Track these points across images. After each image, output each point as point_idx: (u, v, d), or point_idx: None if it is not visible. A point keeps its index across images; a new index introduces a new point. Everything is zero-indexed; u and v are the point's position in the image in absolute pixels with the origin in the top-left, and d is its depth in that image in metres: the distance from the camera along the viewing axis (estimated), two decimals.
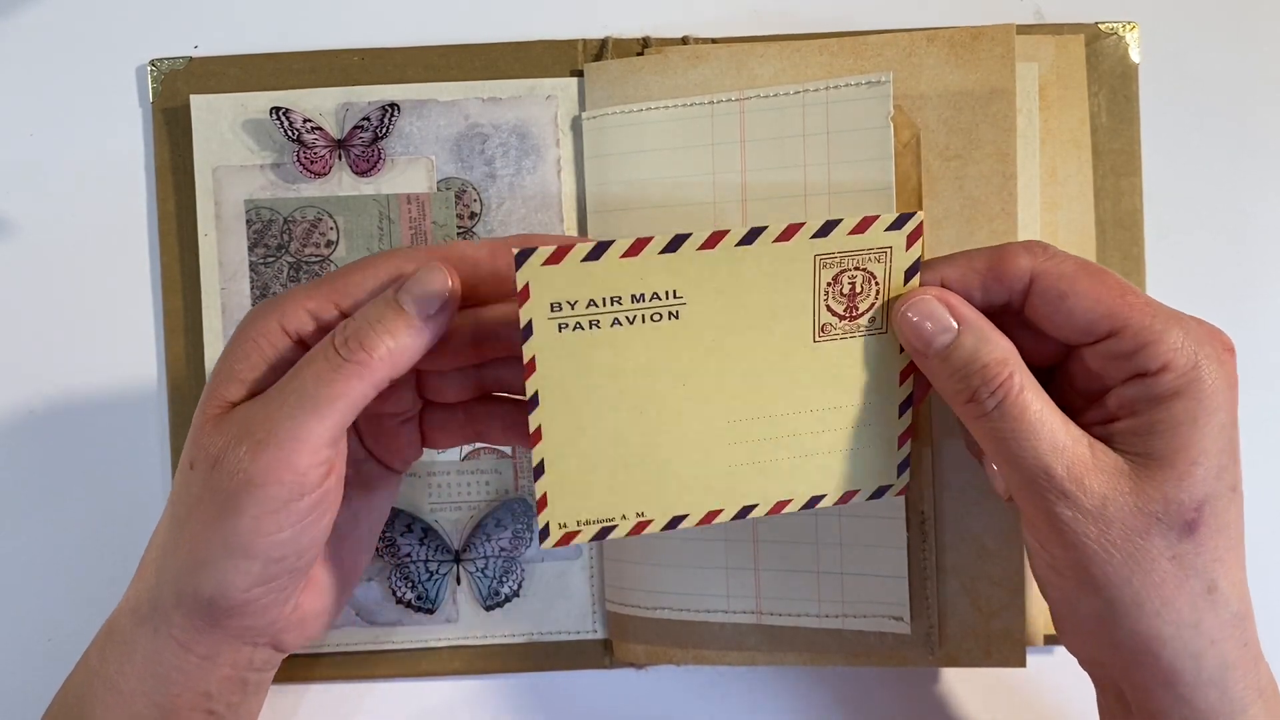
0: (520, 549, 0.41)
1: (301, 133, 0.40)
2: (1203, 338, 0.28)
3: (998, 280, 0.30)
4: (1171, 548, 0.28)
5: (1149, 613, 0.28)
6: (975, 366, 0.29)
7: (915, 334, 0.30)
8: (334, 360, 0.28)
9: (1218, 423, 0.28)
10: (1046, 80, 0.39)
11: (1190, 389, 0.28)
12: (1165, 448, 0.28)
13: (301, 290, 0.30)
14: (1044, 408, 0.29)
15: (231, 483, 0.28)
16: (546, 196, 0.41)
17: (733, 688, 0.42)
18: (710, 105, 0.38)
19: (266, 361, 0.30)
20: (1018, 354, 0.30)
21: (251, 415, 0.29)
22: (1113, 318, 0.28)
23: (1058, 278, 0.29)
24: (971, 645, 0.38)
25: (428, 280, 0.29)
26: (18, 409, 0.42)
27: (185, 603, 0.30)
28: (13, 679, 0.42)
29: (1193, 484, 0.28)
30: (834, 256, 0.30)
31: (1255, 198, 0.41)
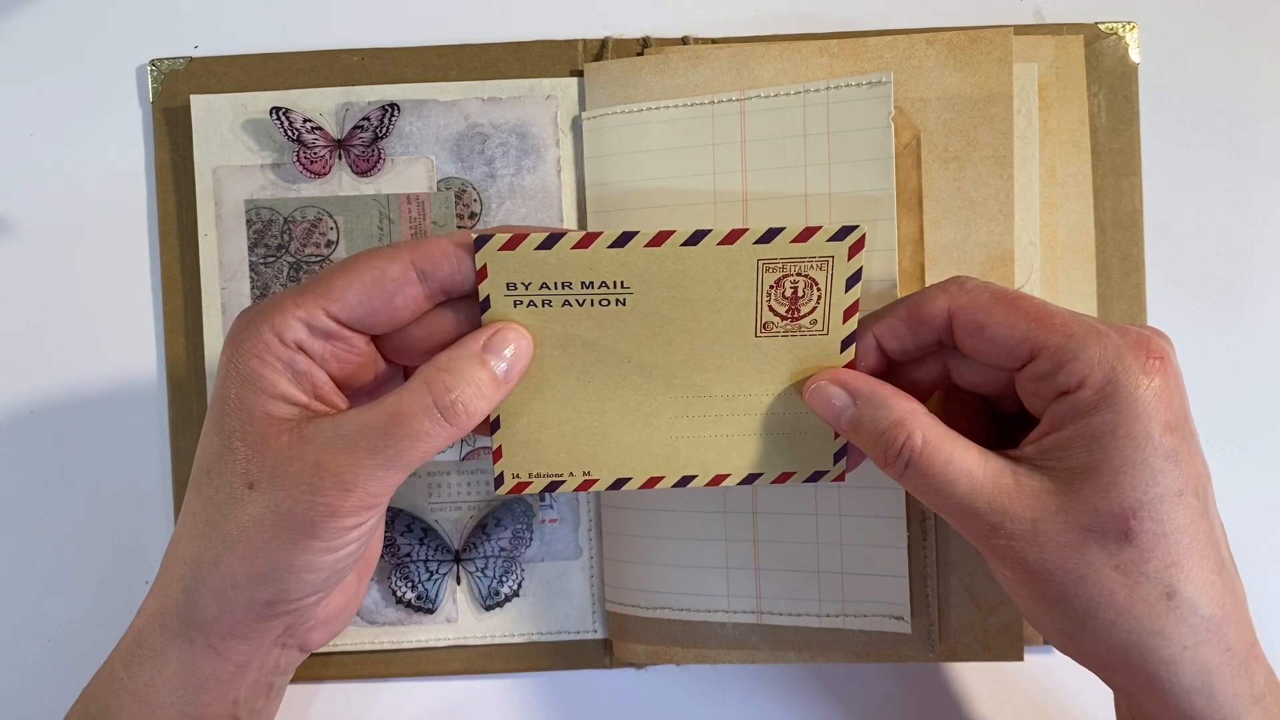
0: (520, 549, 0.41)
1: (301, 133, 0.40)
2: (1123, 349, 0.28)
3: (920, 324, 0.31)
4: (1112, 557, 0.28)
5: (1105, 622, 0.28)
6: (878, 433, 0.31)
7: (824, 413, 0.32)
8: (438, 423, 0.30)
9: (1142, 430, 0.28)
10: (1046, 80, 0.39)
11: (1108, 401, 0.28)
12: (1088, 460, 0.28)
13: (288, 299, 0.30)
14: (955, 451, 0.30)
15: (312, 512, 0.29)
16: (546, 196, 0.41)
17: (733, 688, 0.42)
18: (710, 105, 0.38)
19: (284, 374, 0.30)
20: (917, 411, 0.31)
21: (332, 452, 0.29)
22: (1029, 341, 0.29)
23: (973, 311, 0.30)
24: (970, 640, 0.38)
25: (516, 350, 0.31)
26: (18, 409, 0.42)
27: (232, 613, 0.30)
28: (13, 679, 0.42)
29: (1119, 493, 0.28)
30: (776, 262, 0.31)
31: (1255, 197, 0.41)
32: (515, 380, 0.31)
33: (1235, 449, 0.41)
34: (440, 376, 0.30)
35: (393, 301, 0.30)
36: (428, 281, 0.31)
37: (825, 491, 0.38)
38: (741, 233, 0.31)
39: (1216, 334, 0.41)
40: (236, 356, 0.30)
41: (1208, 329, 0.41)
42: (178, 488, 0.41)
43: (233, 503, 0.30)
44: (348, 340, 0.31)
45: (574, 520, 0.41)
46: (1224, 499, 0.40)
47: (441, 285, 0.31)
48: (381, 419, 0.29)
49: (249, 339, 0.30)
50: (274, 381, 0.30)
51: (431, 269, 0.31)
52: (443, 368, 0.30)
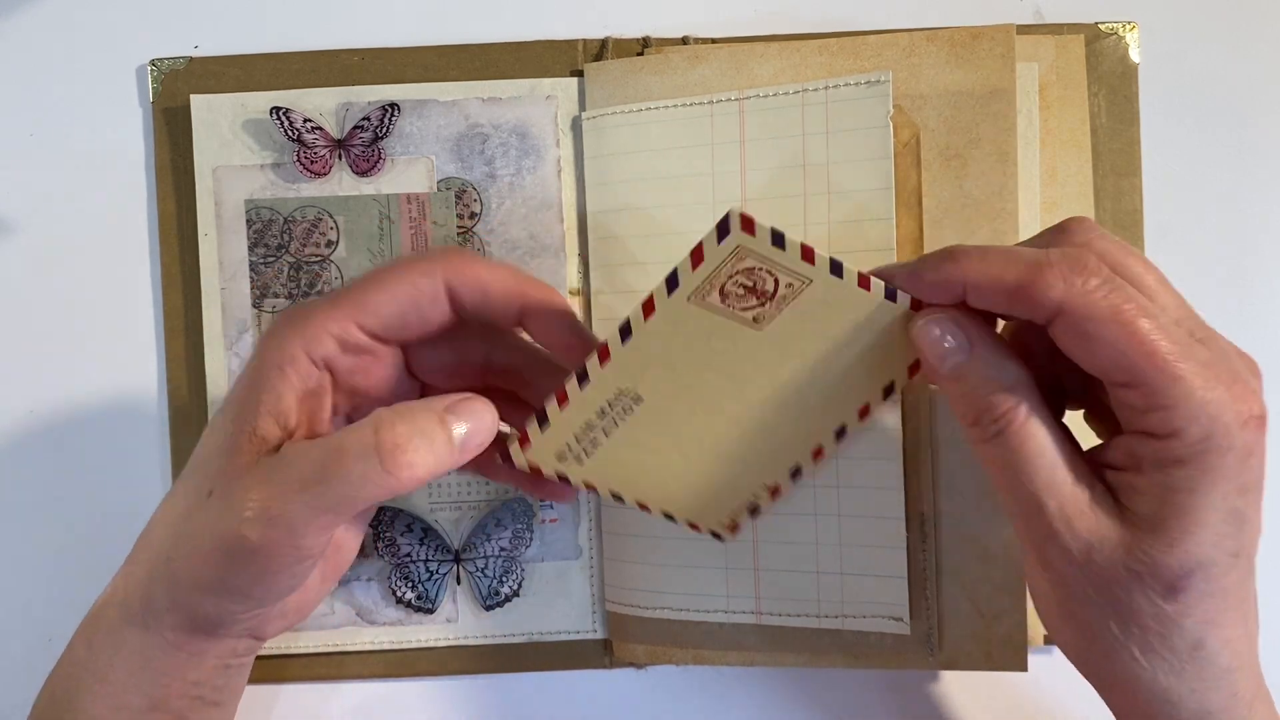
0: (520, 549, 0.41)
1: (301, 133, 0.40)
2: (1225, 405, 0.26)
3: (1022, 302, 0.28)
4: (1154, 606, 0.27)
5: (1127, 659, 0.28)
6: (984, 392, 0.29)
7: (929, 349, 0.29)
8: (374, 469, 0.28)
9: (1220, 493, 0.26)
10: (1046, 80, 0.39)
11: (1197, 460, 0.26)
12: (1160, 511, 0.27)
13: (322, 312, 0.30)
14: (1048, 441, 0.28)
15: (240, 541, 0.28)
16: (546, 196, 0.41)
17: (733, 688, 0.42)
18: (710, 105, 0.38)
19: (295, 392, 0.30)
20: (1029, 382, 0.29)
21: (272, 484, 0.28)
22: (1131, 371, 0.27)
23: (1085, 318, 0.27)
24: (972, 649, 0.38)
25: (479, 422, 0.30)
26: (18, 409, 0.42)
27: (180, 611, 0.30)
28: (13, 679, 0.42)
29: (1183, 552, 0.27)
30: (702, 286, 0.30)
31: (1255, 198, 0.41)
32: (470, 452, 0.30)
33: None
34: (393, 421, 0.28)
35: (425, 315, 0.31)
36: (458, 302, 0.31)
37: (825, 492, 0.38)
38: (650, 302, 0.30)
39: None
40: (261, 364, 0.30)
41: None
42: None
43: (195, 505, 0.30)
44: (376, 353, 0.31)
45: (574, 520, 0.41)
46: None
47: (471, 310, 0.31)
48: (322, 454, 0.28)
49: (277, 348, 0.30)
50: (280, 395, 0.30)
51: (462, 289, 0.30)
52: (400, 414, 0.29)
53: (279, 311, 0.31)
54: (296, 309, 0.31)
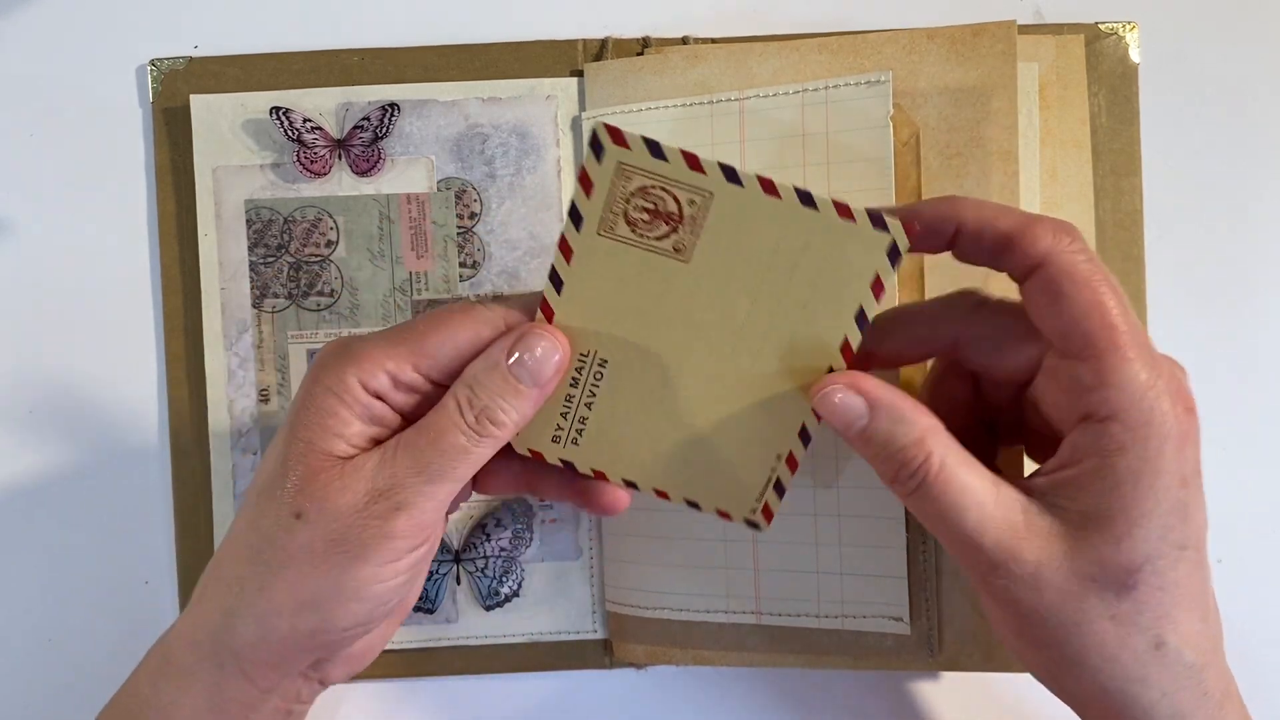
0: (520, 549, 0.41)
1: (301, 133, 0.40)
2: (1164, 392, 0.27)
3: (1011, 250, 0.29)
4: (1110, 608, 0.28)
5: (1091, 669, 0.28)
6: (893, 450, 0.29)
7: (832, 418, 0.30)
8: (470, 436, 0.30)
9: (1162, 484, 0.27)
10: (1046, 80, 0.39)
11: (1137, 446, 0.27)
12: (1104, 506, 0.27)
13: (378, 348, 0.30)
14: (969, 480, 0.28)
15: (365, 535, 0.29)
16: (546, 196, 0.41)
17: (733, 688, 0.42)
18: (710, 105, 0.38)
19: (357, 418, 0.30)
20: (938, 430, 0.29)
21: (381, 477, 0.29)
22: (1087, 340, 0.27)
23: (1063, 274, 0.28)
24: (973, 650, 0.38)
25: (546, 353, 0.30)
26: (18, 409, 0.42)
27: (275, 636, 0.30)
28: (13, 679, 0.42)
29: (1131, 546, 0.27)
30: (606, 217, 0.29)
31: (1255, 197, 0.41)
32: (550, 386, 0.31)
33: (1235, 449, 0.41)
34: (464, 392, 0.30)
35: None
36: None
37: (824, 492, 0.38)
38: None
39: (1216, 334, 0.41)
40: (316, 387, 0.30)
41: (1208, 329, 0.41)
42: (177, 487, 0.41)
43: (280, 530, 0.30)
44: (426, 394, 0.31)
45: (574, 520, 0.41)
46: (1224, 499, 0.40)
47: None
48: (422, 439, 0.30)
49: (331, 375, 0.30)
50: (346, 420, 0.30)
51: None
52: (468, 382, 0.30)
53: (334, 339, 0.31)
54: (354, 339, 0.31)
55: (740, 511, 0.34)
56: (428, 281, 0.41)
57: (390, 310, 0.41)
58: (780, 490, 0.33)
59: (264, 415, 0.41)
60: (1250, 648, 0.40)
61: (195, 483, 0.41)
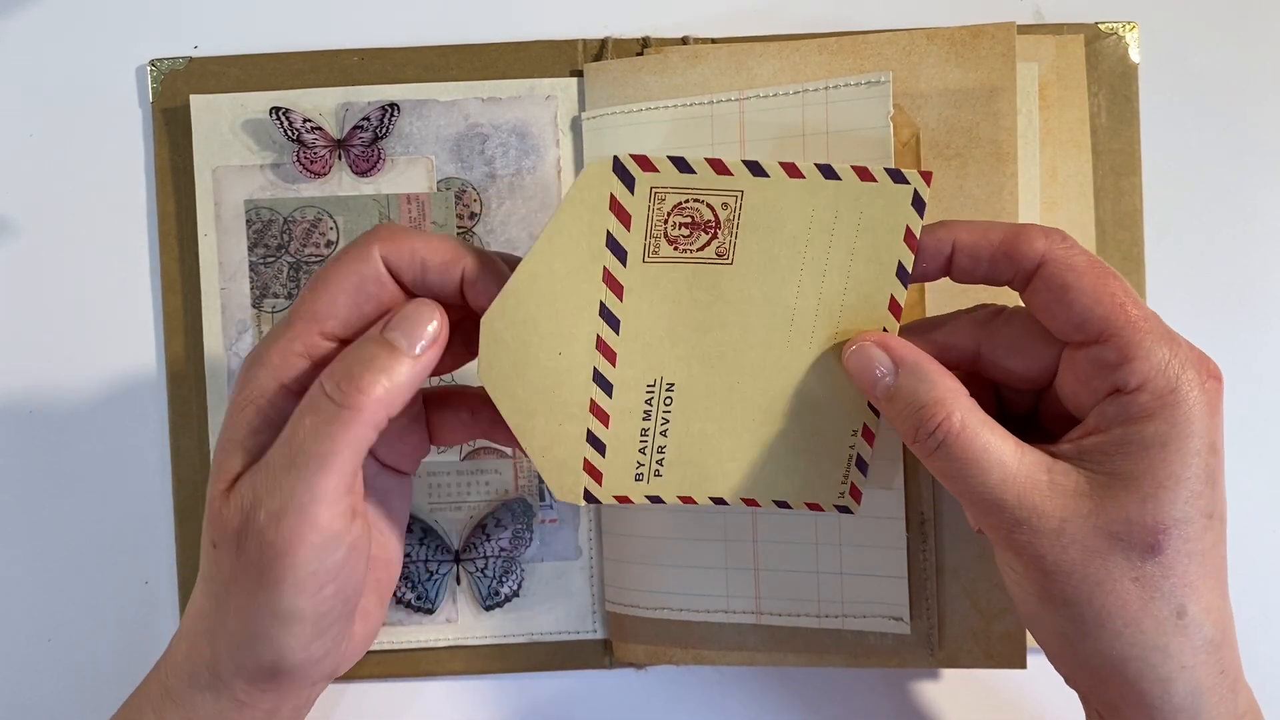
0: (520, 549, 0.41)
1: (301, 133, 0.40)
2: (1188, 361, 0.28)
3: (1008, 257, 0.29)
4: (1134, 569, 0.27)
5: (1111, 633, 0.28)
6: (915, 408, 0.29)
7: (859, 376, 0.31)
8: (329, 409, 0.28)
9: (1192, 449, 0.27)
10: (1046, 80, 0.39)
11: (1165, 411, 0.27)
12: (1133, 468, 0.27)
13: (283, 335, 0.29)
14: (991, 440, 0.29)
15: (262, 556, 0.28)
16: (546, 197, 0.41)
17: (733, 688, 0.42)
18: (710, 105, 0.38)
19: (269, 422, 0.29)
20: (960, 391, 0.29)
21: (258, 483, 0.28)
22: (1105, 322, 0.28)
23: (1066, 268, 0.29)
24: (972, 647, 0.38)
25: (416, 318, 0.29)
26: (18, 409, 0.42)
27: (246, 672, 0.30)
28: (13, 679, 0.42)
29: (1158, 506, 0.27)
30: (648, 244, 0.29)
31: (1255, 197, 0.41)
32: (430, 353, 0.29)
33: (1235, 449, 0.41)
34: (333, 364, 0.29)
35: (377, 300, 0.30)
36: (400, 279, 0.30)
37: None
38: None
39: (1216, 334, 0.41)
40: (232, 403, 0.29)
41: (1208, 329, 0.41)
42: (178, 487, 0.41)
43: (206, 560, 0.30)
44: None
45: (574, 520, 0.41)
46: None
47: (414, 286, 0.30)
48: (285, 430, 0.28)
49: (245, 385, 0.29)
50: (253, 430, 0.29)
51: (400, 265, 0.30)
52: (341, 355, 0.29)
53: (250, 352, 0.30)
54: (261, 343, 0.30)
55: (829, 499, 0.34)
56: None
57: None
58: (864, 467, 0.34)
59: None
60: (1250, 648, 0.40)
61: (195, 482, 0.41)
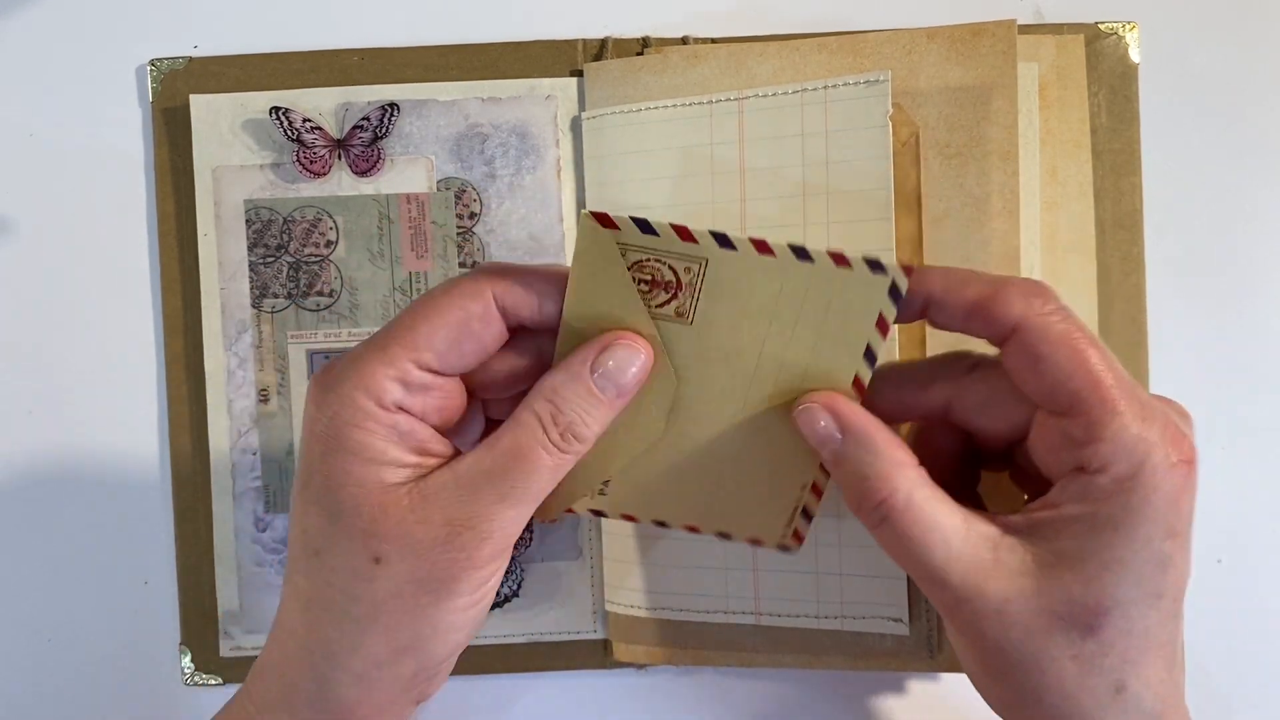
0: (520, 549, 0.41)
1: (301, 133, 0.40)
2: (1159, 442, 0.27)
3: (982, 317, 0.28)
4: (1073, 646, 0.27)
5: (1049, 707, 0.28)
6: (860, 478, 0.29)
7: (809, 435, 0.30)
8: (554, 454, 0.29)
9: (1143, 535, 0.27)
10: (1046, 80, 0.39)
11: (1121, 497, 0.27)
12: (1080, 548, 0.27)
13: (375, 357, 0.28)
14: (937, 516, 0.28)
15: (453, 569, 0.28)
16: (546, 196, 0.41)
17: (732, 688, 0.42)
18: (709, 105, 0.38)
19: (389, 441, 0.29)
20: (907, 464, 0.29)
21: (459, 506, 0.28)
22: (1075, 397, 0.27)
23: (1040, 339, 0.27)
24: None
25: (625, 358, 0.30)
26: (17, 409, 0.42)
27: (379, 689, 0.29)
28: (13, 679, 0.42)
29: (1100, 588, 0.27)
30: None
31: (1255, 197, 0.41)
32: (630, 393, 0.30)
33: (1235, 449, 0.41)
34: (547, 408, 0.29)
35: (480, 339, 0.29)
36: (511, 317, 0.30)
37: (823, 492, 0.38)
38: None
39: (1216, 334, 0.41)
40: (334, 428, 0.28)
41: (1208, 329, 0.41)
42: (177, 488, 0.41)
43: (358, 581, 0.28)
44: (442, 387, 0.30)
45: (574, 520, 0.41)
46: (1224, 499, 0.41)
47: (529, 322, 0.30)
48: (501, 460, 0.29)
49: (344, 407, 0.28)
50: (383, 450, 0.28)
51: (514, 307, 0.29)
52: (549, 397, 0.29)
53: (323, 369, 0.29)
54: (340, 361, 0.29)
55: (772, 539, 0.34)
56: (427, 281, 0.41)
57: (390, 310, 0.41)
58: (809, 516, 0.34)
59: (263, 415, 0.41)
60: (1250, 648, 0.40)
61: (195, 483, 0.41)
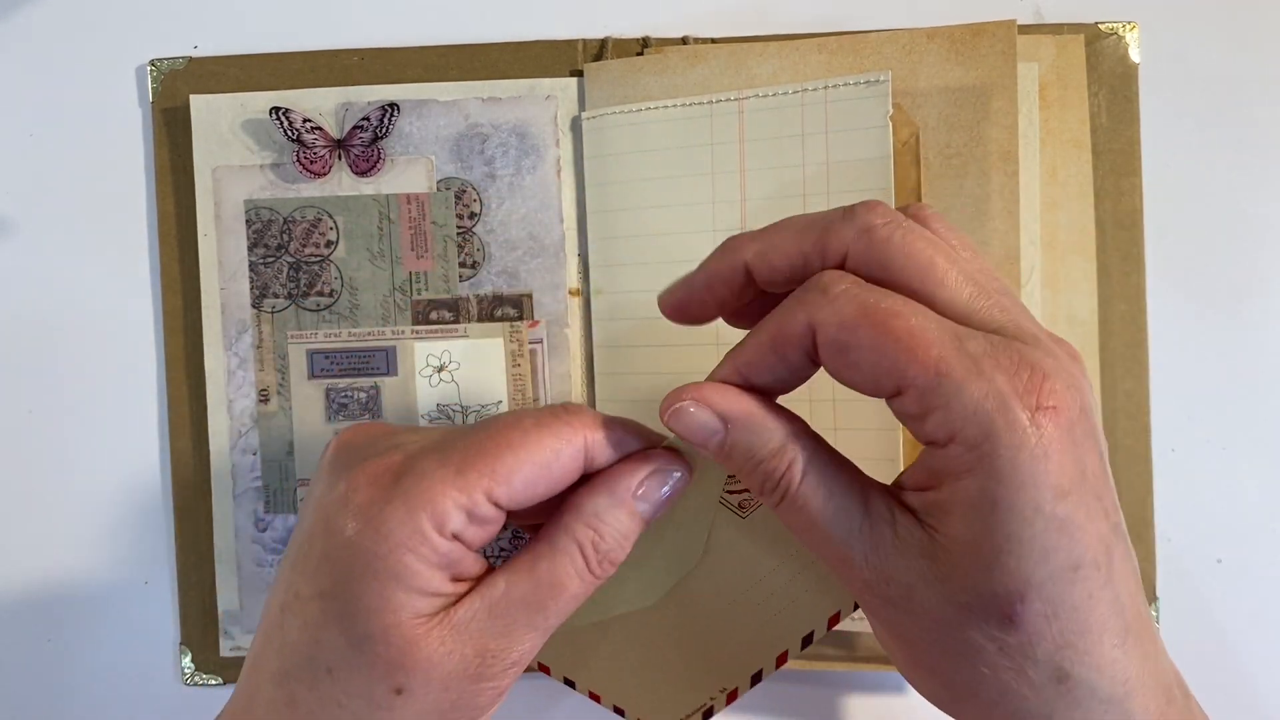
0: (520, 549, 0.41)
1: (301, 133, 0.40)
2: (1007, 396, 0.23)
3: (787, 346, 0.26)
4: (994, 640, 0.24)
5: (988, 703, 0.25)
6: (752, 463, 0.26)
7: (689, 435, 0.27)
8: (589, 583, 0.28)
9: (1026, 502, 0.23)
10: (1046, 80, 0.39)
11: (983, 466, 0.23)
12: (966, 532, 0.24)
13: (448, 478, 0.26)
14: (836, 486, 0.26)
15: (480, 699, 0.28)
16: (546, 196, 0.41)
17: None
18: (709, 105, 0.38)
19: (435, 567, 0.27)
20: (799, 435, 0.26)
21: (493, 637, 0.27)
22: (895, 373, 0.24)
23: (836, 328, 0.24)
24: None
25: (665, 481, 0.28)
26: (17, 409, 0.42)
27: None
28: (13, 679, 0.42)
29: (1003, 574, 0.23)
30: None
31: (1255, 198, 0.41)
32: (663, 510, 0.29)
33: (1235, 449, 0.41)
34: (589, 535, 0.28)
35: (556, 485, 0.28)
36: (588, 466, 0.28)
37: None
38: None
39: (1216, 334, 0.41)
40: (385, 548, 0.26)
41: (1208, 329, 0.41)
42: (177, 488, 0.41)
43: (375, 709, 0.27)
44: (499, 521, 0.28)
45: None
46: (1224, 499, 0.40)
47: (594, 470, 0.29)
48: (536, 590, 0.27)
49: (401, 527, 0.26)
50: (428, 580, 0.26)
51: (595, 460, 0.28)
52: (592, 524, 0.28)
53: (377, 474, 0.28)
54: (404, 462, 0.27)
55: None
56: (428, 281, 0.41)
57: (390, 310, 0.41)
58: (709, 715, 0.34)
59: (263, 415, 0.41)
60: (1250, 648, 0.40)
61: (195, 483, 0.41)
